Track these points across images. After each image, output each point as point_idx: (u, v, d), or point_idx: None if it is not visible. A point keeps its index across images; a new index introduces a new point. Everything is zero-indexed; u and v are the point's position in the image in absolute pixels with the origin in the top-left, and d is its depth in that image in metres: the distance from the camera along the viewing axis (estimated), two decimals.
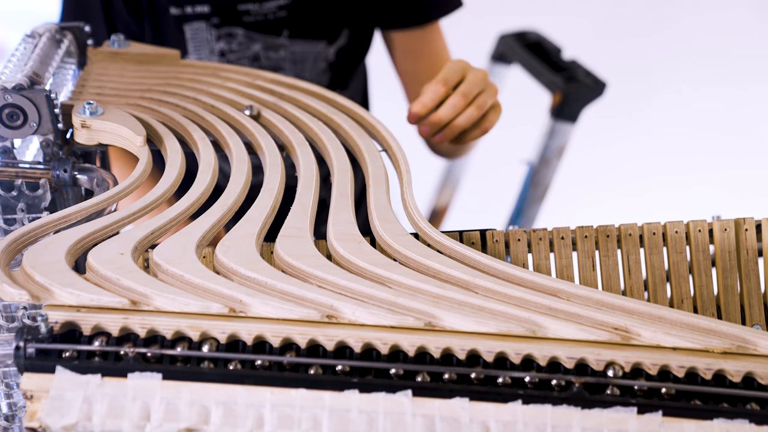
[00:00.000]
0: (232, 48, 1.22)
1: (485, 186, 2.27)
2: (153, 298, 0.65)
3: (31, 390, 0.61)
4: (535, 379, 0.63)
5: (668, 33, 3.02)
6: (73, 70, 1.03)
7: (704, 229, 0.83)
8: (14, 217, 0.82)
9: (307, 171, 0.84)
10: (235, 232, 0.73)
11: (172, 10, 1.18)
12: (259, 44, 1.22)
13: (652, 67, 2.94)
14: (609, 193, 2.52)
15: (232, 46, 1.22)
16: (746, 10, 3.09)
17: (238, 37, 1.21)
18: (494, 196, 2.05)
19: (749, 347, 0.65)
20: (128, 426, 0.60)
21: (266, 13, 1.20)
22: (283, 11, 1.20)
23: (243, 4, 1.19)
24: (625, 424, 0.61)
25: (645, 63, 2.94)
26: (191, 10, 1.18)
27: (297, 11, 1.21)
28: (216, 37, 1.21)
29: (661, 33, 3.03)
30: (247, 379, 0.62)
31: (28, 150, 0.92)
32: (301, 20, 1.22)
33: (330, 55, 1.26)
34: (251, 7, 1.19)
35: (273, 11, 1.20)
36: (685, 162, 2.62)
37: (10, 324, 0.83)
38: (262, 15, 1.20)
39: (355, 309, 0.65)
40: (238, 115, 0.94)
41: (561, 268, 0.83)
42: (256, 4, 1.19)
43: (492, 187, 2.20)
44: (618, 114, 2.53)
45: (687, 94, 2.84)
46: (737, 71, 2.90)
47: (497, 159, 2.07)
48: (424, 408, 0.62)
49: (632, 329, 0.66)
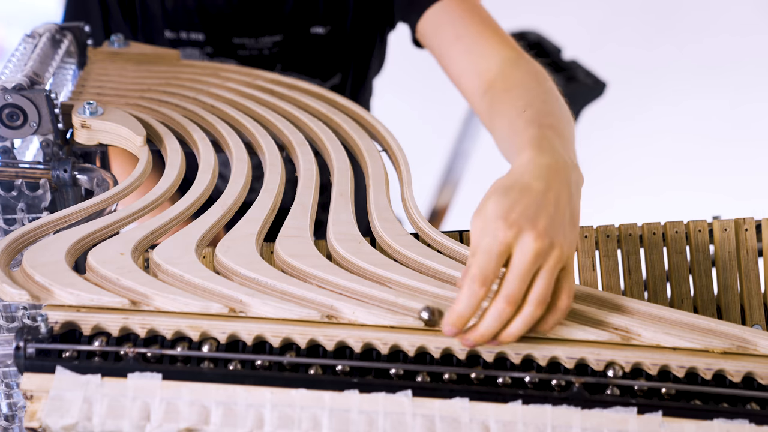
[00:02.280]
0: None
1: (485, 186, 2.27)
2: (153, 298, 0.65)
3: (31, 390, 0.61)
4: (535, 379, 0.63)
5: (669, 33, 3.02)
6: (73, 70, 1.03)
7: (704, 229, 0.83)
8: (14, 217, 0.82)
9: (307, 171, 0.84)
10: (235, 232, 0.73)
11: (167, 33, 1.18)
12: None
13: (652, 66, 2.94)
14: (609, 193, 2.52)
15: None
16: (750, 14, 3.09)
17: None
18: None
19: (749, 347, 0.65)
20: (128, 426, 0.60)
21: (261, 48, 1.20)
22: (277, 48, 1.20)
23: (239, 38, 1.19)
24: (625, 424, 0.61)
25: (645, 63, 2.94)
26: (186, 36, 1.18)
27: (290, 48, 1.21)
28: None
29: (661, 33, 3.03)
30: (247, 379, 0.62)
31: (28, 150, 0.92)
32: (294, 57, 1.21)
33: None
34: (247, 41, 1.19)
35: (268, 46, 1.20)
36: (685, 162, 2.62)
37: (10, 324, 0.83)
38: (257, 50, 1.20)
39: (355, 309, 0.65)
40: (238, 114, 0.94)
41: None
42: (252, 39, 1.19)
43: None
44: (618, 114, 2.53)
45: (687, 95, 2.84)
46: (739, 72, 2.90)
47: (497, 159, 2.07)
48: (424, 408, 0.61)
49: (632, 329, 0.66)
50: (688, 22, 3.05)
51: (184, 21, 1.17)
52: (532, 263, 0.63)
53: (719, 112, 2.80)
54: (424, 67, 2.00)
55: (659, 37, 3.01)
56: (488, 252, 0.63)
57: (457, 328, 0.63)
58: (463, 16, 1.04)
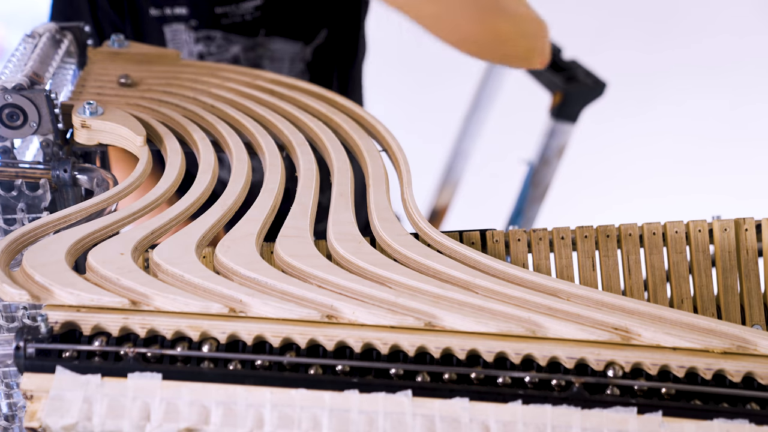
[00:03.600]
0: (210, 51, 1.22)
1: (485, 186, 2.27)
2: (153, 298, 0.65)
3: (31, 390, 0.61)
4: (535, 379, 0.63)
5: (668, 33, 3.02)
6: (73, 70, 1.03)
7: (704, 229, 0.83)
8: (14, 217, 0.82)
9: (307, 171, 0.84)
10: (235, 232, 0.73)
11: (152, 11, 1.19)
12: (238, 46, 1.23)
13: (652, 66, 2.94)
14: (609, 193, 2.52)
15: (211, 49, 1.22)
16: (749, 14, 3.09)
17: (217, 39, 1.22)
18: (494, 196, 2.05)
19: (749, 347, 0.65)
20: (128, 426, 0.60)
21: (243, 14, 1.20)
22: (258, 11, 1.21)
23: (220, 6, 1.19)
24: (625, 424, 0.61)
25: (645, 63, 2.94)
26: (170, 11, 1.18)
27: (272, 11, 1.21)
28: (195, 39, 1.21)
29: (661, 33, 3.03)
30: (247, 379, 0.62)
31: (28, 150, 0.92)
32: (277, 19, 1.22)
33: (307, 55, 1.26)
34: (228, 9, 1.19)
35: (250, 12, 1.20)
36: (685, 162, 2.62)
37: (10, 324, 0.83)
38: (239, 16, 1.20)
39: (355, 309, 0.65)
40: (238, 114, 0.94)
41: (561, 268, 0.83)
42: (233, 5, 1.19)
43: (492, 187, 2.20)
44: (618, 114, 2.53)
45: (687, 95, 2.84)
46: (739, 72, 2.90)
47: (497, 159, 2.07)
48: (424, 408, 0.61)
49: (632, 329, 0.66)
50: (687, 22, 3.05)
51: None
52: None
53: (719, 112, 2.80)
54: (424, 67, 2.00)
55: (659, 38, 3.01)
56: None
57: None
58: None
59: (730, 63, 2.92)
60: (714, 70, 2.90)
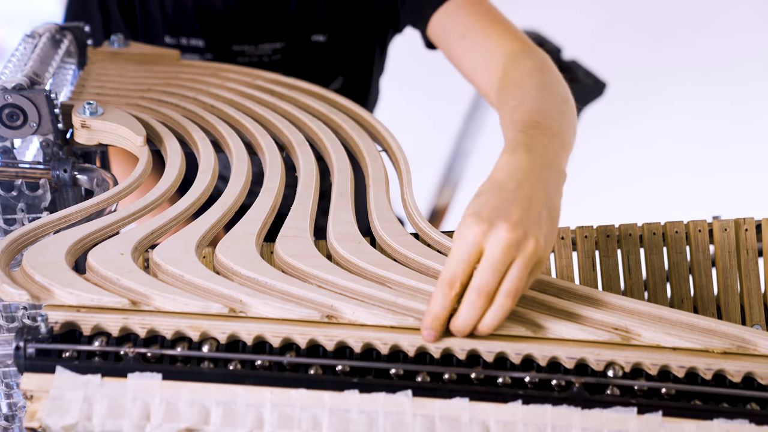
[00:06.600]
0: None
1: None
2: (153, 298, 0.65)
3: (31, 390, 0.61)
4: (535, 379, 0.63)
5: (668, 33, 3.02)
6: (73, 70, 1.03)
7: (704, 229, 0.83)
8: (14, 217, 0.82)
9: (307, 171, 0.84)
10: (235, 232, 0.73)
11: (167, 39, 1.18)
12: None
13: (652, 66, 2.94)
14: (609, 193, 2.52)
15: None
16: (749, 14, 3.09)
17: None
18: None
19: (749, 347, 0.65)
20: (128, 426, 0.60)
21: (261, 55, 1.19)
22: (278, 54, 1.20)
23: (239, 45, 1.18)
24: (625, 424, 0.61)
25: (645, 63, 2.94)
26: (186, 41, 1.18)
27: (292, 55, 1.20)
28: None
29: (661, 33, 3.03)
30: (247, 379, 0.62)
31: (28, 150, 0.92)
32: (296, 63, 1.21)
33: None
34: (246, 48, 1.18)
35: (268, 54, 1.19)
36: (685, 161, 2.62)
37: (10, 324, 0.83)
38: (257, 57, 1.19)
39: (355, 309, 0.65)
40: (238, 115, 0.94)
41: (561, 268, 0.83)
42: (252, 46, 1.18)
43: None
44: (618, 113, 2.53)
45: (688, 94, 2.84)
46: (739, 72, 2.90)
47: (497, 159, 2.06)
48: (424, 408, 0.61)
49: (632, 329, 0.66)
50: (688, 22, 3.05)
51: (184, 26, 1.17)
52: (504, 253, 0.63)
53: (719, 111, 2.80)
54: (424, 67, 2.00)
55: (659, 37, 3.01)
56: (458, 252, 0.64)
57: (435, 330, 0.64)
58: (468, 14, 1.04)
59: (730, 62, 2.92)
60: (714, 70, 2.90)
